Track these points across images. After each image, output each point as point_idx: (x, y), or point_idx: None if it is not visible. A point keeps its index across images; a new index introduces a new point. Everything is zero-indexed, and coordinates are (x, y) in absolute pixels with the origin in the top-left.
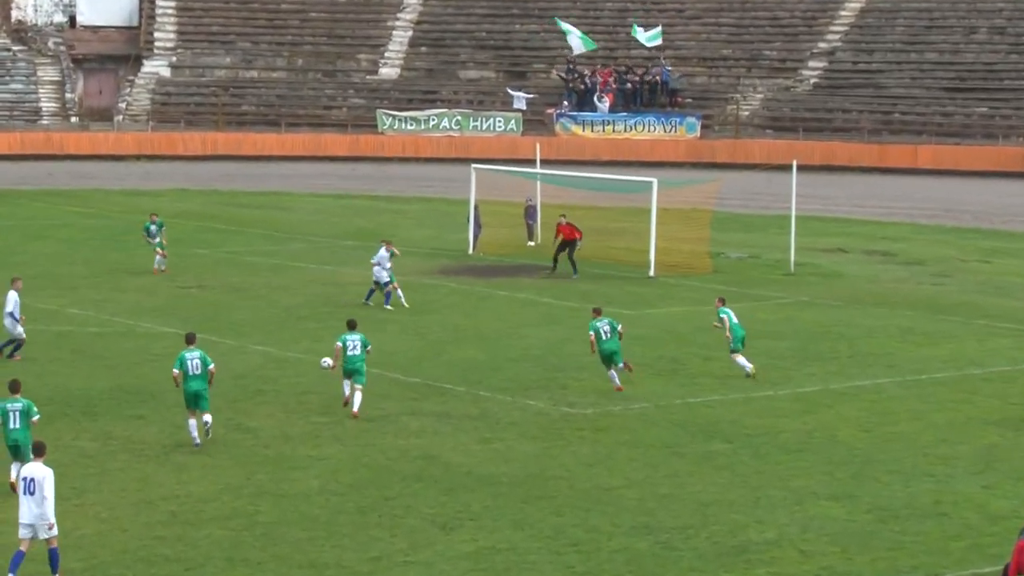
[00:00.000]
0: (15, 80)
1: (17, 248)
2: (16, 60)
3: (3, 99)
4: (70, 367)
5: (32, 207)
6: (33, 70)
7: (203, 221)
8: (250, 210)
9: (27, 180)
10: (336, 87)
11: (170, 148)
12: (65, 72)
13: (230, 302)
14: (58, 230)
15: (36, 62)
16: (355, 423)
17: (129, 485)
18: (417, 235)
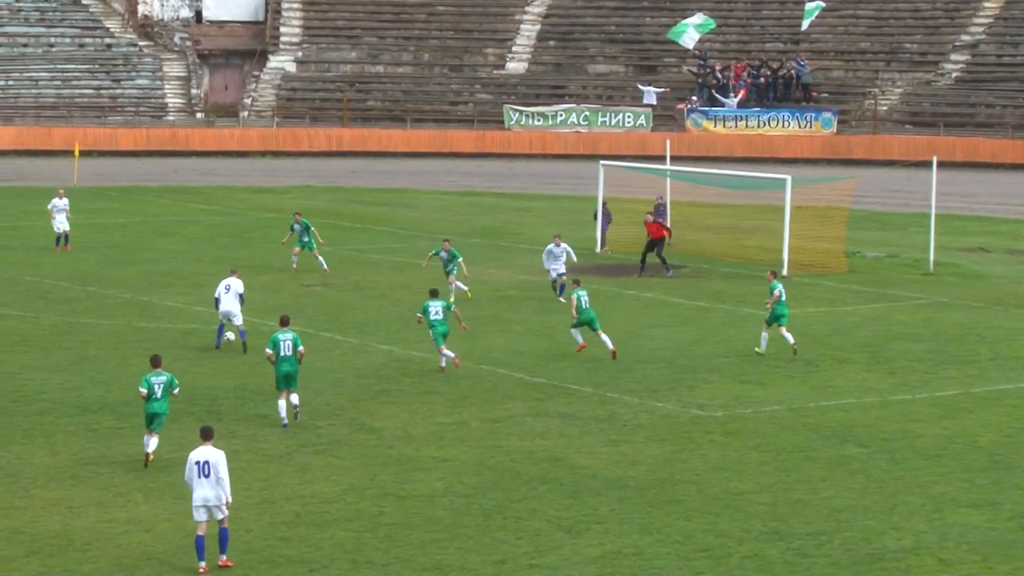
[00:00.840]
0: (141, 76)
1: (144, 244)
2: (142, 56)
3: (129, 95)
4: (195, 366)
5: (158, 204)
6: (159, 66)
7: (328, 218)
8: (374, 207)
9: (152, 176)
10: (462, 82)
11: (295, 144)
12: (191, 68)
13: (353, 301)
14: (184, 227)
15: (162, 58)
16: (480, 424)
17: (253, 485)
18: (543, 233)
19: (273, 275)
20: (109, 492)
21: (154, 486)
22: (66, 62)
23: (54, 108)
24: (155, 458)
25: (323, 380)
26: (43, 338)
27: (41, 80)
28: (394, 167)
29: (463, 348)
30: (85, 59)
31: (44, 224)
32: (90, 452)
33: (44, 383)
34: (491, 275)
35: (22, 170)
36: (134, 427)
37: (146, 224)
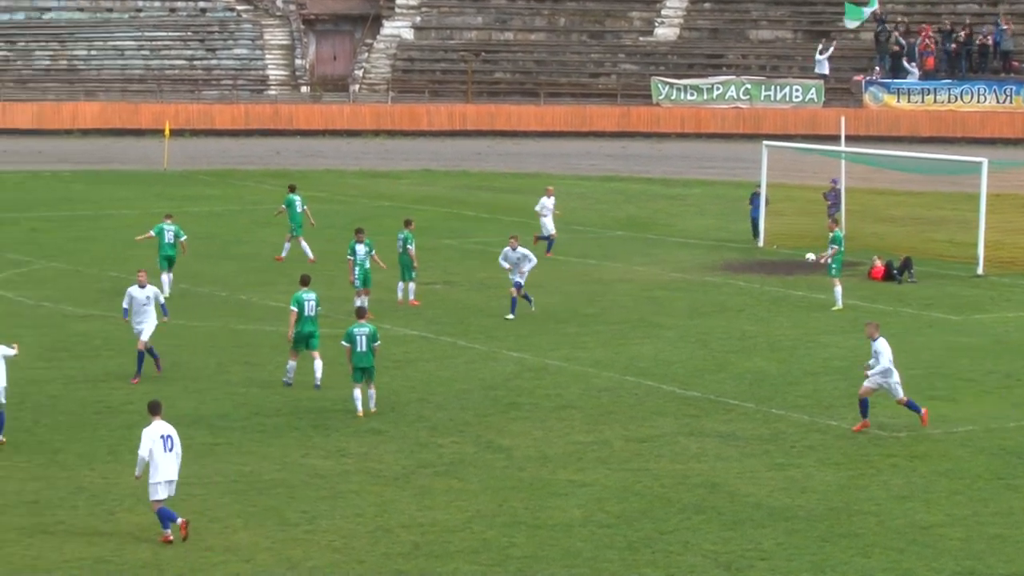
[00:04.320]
0: (239, 45)
1: (243, 236)
2: (240, 22)
3: (226, 66)
4: (301, 373)
5: (258, 190)
6: (259, 33)
7: (450, 207)
8: (503, 194)
9: (252, 159)
10: (604, 51)
11: (412, 123)
12: (295, 35)
13: (479, 301)
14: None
15: (263, 24)
16: (624, 444)
17: (366, 510)
18: (697, 224)
19: (389, 272)
20: (204, 516)
21: (253, 510)
22: (155, 29)
23: (142, 81)
24: (255, 479)
25: (445, 392)
26: (130, 342)
27: (127, 50)
28: (525, 148)
29: (604, 356)
30: (176, 26)
31: (130, 212)
32: (182, 471)
33: (131, 393)
34: (637, 273)
35: (107, 151)
36: (231, 443)
37: (244, 213)
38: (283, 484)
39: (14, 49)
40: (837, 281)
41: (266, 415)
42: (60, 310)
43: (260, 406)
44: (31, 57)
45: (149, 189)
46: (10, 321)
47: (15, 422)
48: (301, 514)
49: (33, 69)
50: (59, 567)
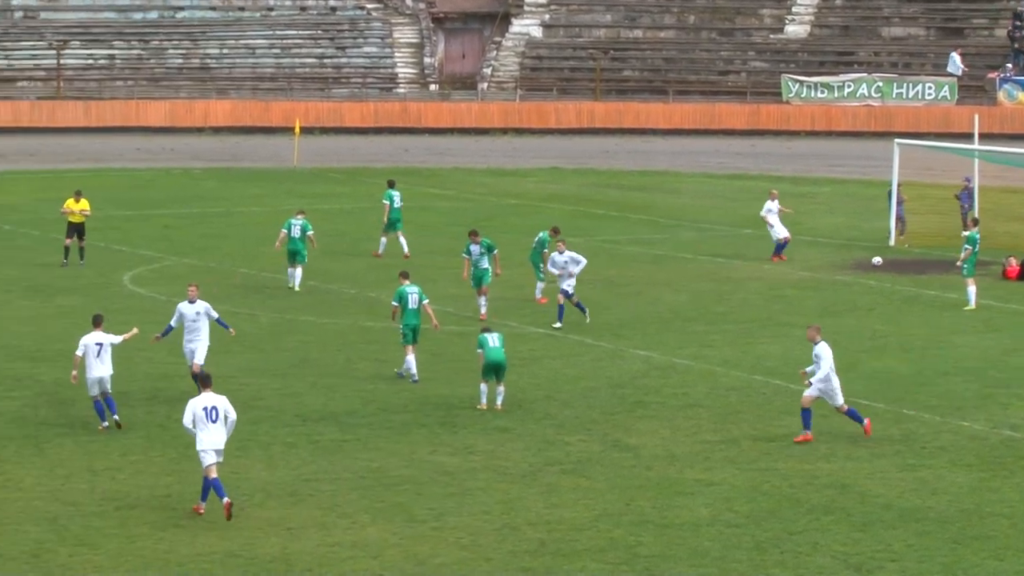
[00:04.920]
0: (368, 43)
1: (372, 233)
2: (370, 20)
3: (356, 64)
4: (428, 371)
5: (386, 187)
6: (389, 32)
7: (577, 205)
8: (631, 192)
9: (380, 157)
10: (734, 48)
11: (540, 120)
12: (424, 34)
13: (606, 299)
14: (415, 214)
15: (392, 22)
16: (752, 444)
17: (493, 508)
18: (827, 223)
19: (516, 269)
20: (332, 512)
21: (381, 506)
22: (286, 28)
23: (272, 80)
24: (382, 475)
25: (572, 390)
26: (260, 338)
27: (259, 48)
28: (654, 146)
29: (732, 355)
30: (307, 24)
31: (260, 210)
32: (311, 467)
33: (261, 388)
34: (766, 271)
35: (237, 149)
36: (359, 439)
37: (373, 210)
38: (411, 481)
39: (148, 48)
40: (970, 281)
41: (394, 412)
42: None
43: (388, 402)
44: (164, 56)
45: (279, 186)
46: (142, 317)
47: (149, 416)
48: (428, 511)
49: (166, 68)
50: (190, 560)
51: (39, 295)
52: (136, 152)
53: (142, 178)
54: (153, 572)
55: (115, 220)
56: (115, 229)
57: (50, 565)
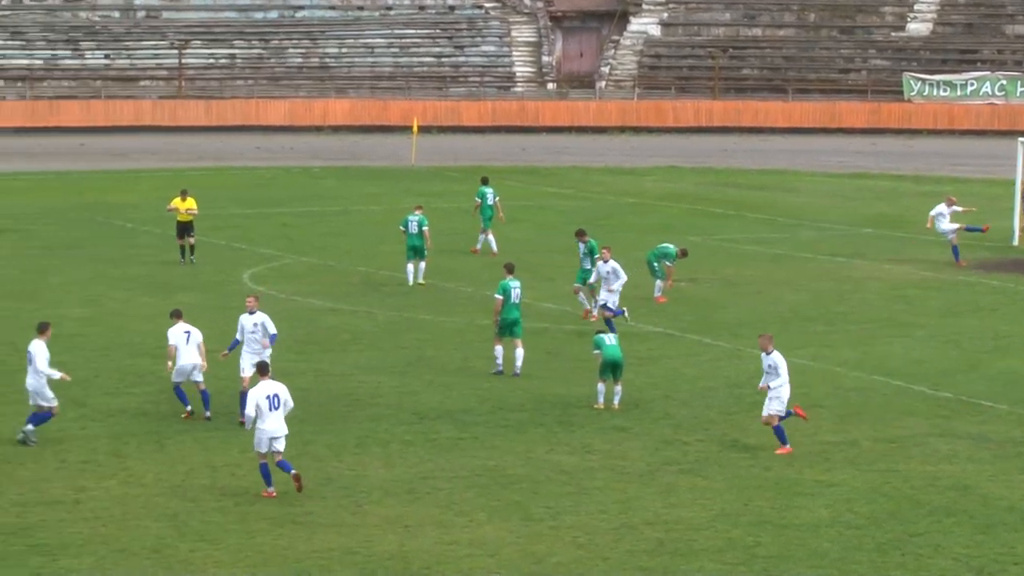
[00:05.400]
0: (487, 42)
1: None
2: (488, 19)
3: (473, 63)
4: (545, 369)
5: (504, 186)
6: (506, 30)
7: (695, 204)
8: (750, 191)
9: (498, 155)
10: (854, 46)
11: (658, 119)
12: (542, 32)
13: (724, 298)
14: (532, 213)
15: (510, 21)
16: (873, 445)
17: (610, 507)
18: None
19: (634, 269)
20: (449, 510)
21: (498, 505)
22: (404, 27)
23: (391, 79)
24: (499, 473)
25: (690, 390)
26: (378, 336)
27: (377, 48)
28: (773, 145)
29: (853, 355)
30: (425, 23)
31: (378, 208)
32: (428, 465)
33: (379, 386)
34: (887, 271)
35: (356, 148)
36: (476, 437)
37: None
38: (528, 479)
39: (268, 47)
40: None
41: (510, 410)
42: (309, 304)
43: (504, 401)
44: (284, 55)
45: (397, 185)
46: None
47: None
48: (545, 509)
49: (286, 67)
50: (308, 557)
51: (160, 292)
52: (256, 151)
53: (262, 177)
54: (272, 568)
55: (235, 218)
56: (235, 227)
57: (171, 560)
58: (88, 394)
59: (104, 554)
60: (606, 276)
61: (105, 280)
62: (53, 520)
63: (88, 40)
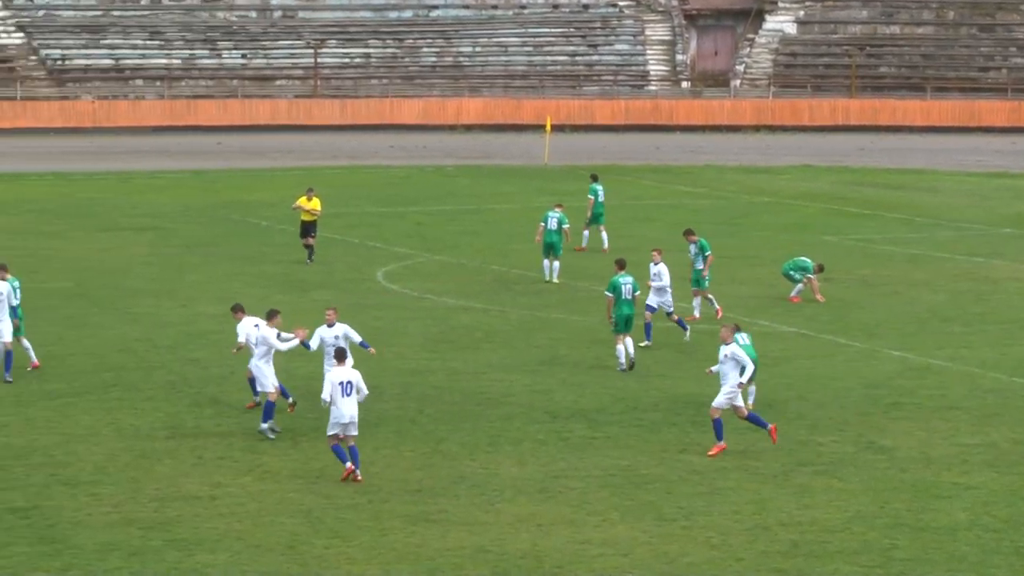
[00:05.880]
0: (620, 40)
1: (622, 231)
2: (622, 18)
3: (607, 62)
4: (678, 369)
5: (638, 185)
6: (641, 29)
7: (830, 203)
8: (887, 191)
9: (632, 154)
10: (994, 44)
11: (794, 118)
12: (676, 30)
13: (860, 298)
14: (665, 211)
15: (644, 19)
16: (1012, 447)
17: (743, 508)
18: None
19: (767, 268)
20: (582, 510)
21: (631, 504)
22: (538, 26)
23: (524, 77)
24: (632, 473)
25: (825, 390)
26: (510, 335)
27: (511, 46)
28: (910, 144)
29: (992, 356)
30: (559, 22)
31: (511, 207)
32: (561, 464)
33: (511, 385)
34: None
35: (489, 147)
36: (609, 437)
37: (624, 208)
38: (660, 479)
39: (402, 46)
40: None
41: (644, 410)
42: (443, 303)
43: (638, 400)
44: (418, 54)
45: (530, 184)
46: (394, 313)
47: (400, 411)
48: (678, 509)
49: (420, 66)
50: (441, 555)
51: (295, 290)
52: (390, 150)
53: (396, 175)
54: (405, 565)
55: (369, 217)
56: (369, 225)
57: (305, 557)
58: (224, 391)
59: (239, 549)
60: (654, 276)
61: (241, 278)
62: (189, 515)
63: (225, 40)
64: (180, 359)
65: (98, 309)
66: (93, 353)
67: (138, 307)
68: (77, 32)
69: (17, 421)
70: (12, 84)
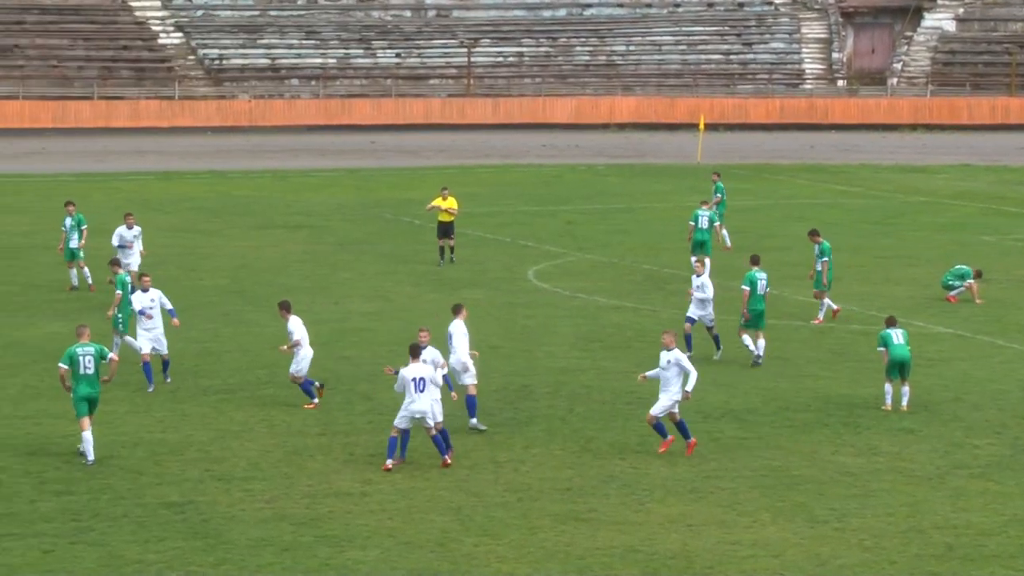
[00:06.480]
0: (776, 39)
1: (775, 230)
2: (778, 16)
3: (762, 60)
4: (830, 370)
5: (792, 184)
6: (796, 26)
7: (989, 203)
8: None
9: (786, 153)
10: None
11: (952, 116)
12: (833, 28)
13: (1018, 299)
14: (820, 211)
15: (800, 17)
16: None
17: (897, 510)
18: None
19: (923, 268)
20: (732, 510)
21: (783, 505)
22: (692, 24)
23: (678, 76)
24: (783, 474)
25: (982, 392)
26: (660, 334)
27: (665, 45)
28: None
29: None
30: (714, 20)
31: (663, 206)
32: (711, 464)
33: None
34: None
35: (641, 145)
36: (760, 437)
37: (777, 207)
38: (812, 480)
39: (555, 45)
40: None
41: (795, 410)
42: (593, 301)
43: (789, 401)
44: (571, 53)
45: (682, 183)
46: (545, 312)
47: (551, 410)
48: (830, 511)
49: (573, 65)
50: (590, 554)
51: (445, 288)
52: (542, 148)
53: (548, 174)
54: (554, 564)
55: (521, 215)
56: (520, 224)
57: (455, 554)
58: (375, 388)
59: (390, 546)
60: (697, 288)
61: (393, 276)
62: (340, 512)
63: (380, 39)
64: (332, 356)
65: (253, 306)
66: (247, 350)
67: (292, 304)
68: (234, 32)
69: (172, 417)
70: (170, 83)
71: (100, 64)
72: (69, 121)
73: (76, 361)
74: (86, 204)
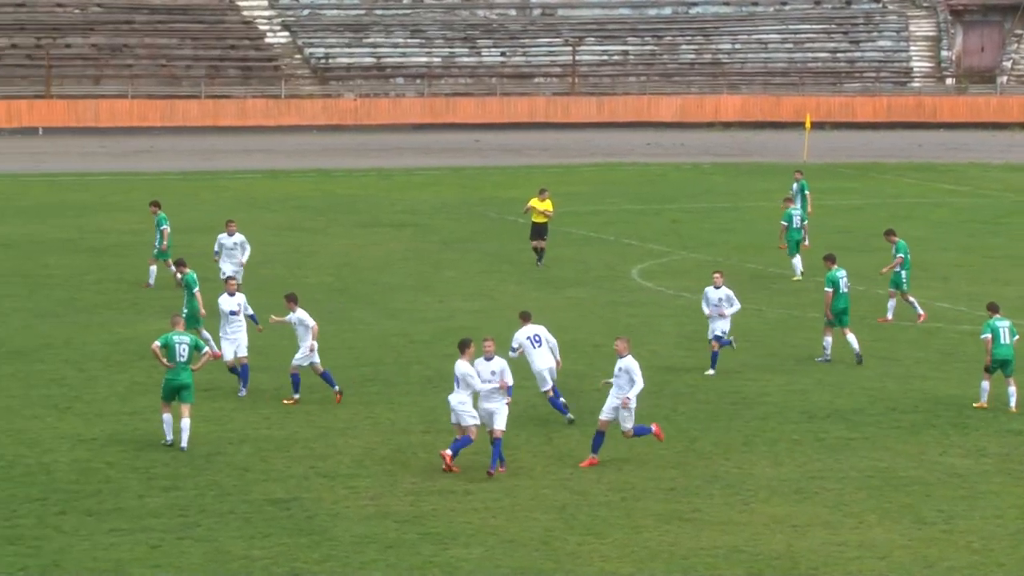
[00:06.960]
0: (883, 36)
1: (881, 230)
2: (886, 13)
3: (870, 58)
4: (938, 370)
5: (899, 183)
6: (904, 25)
7: None
8: None
9: (893, 152)
10: None
11: None
12: (942, 26)
13: None
14: (928, 210)
15: (908, 15)
16: None
17: (1006, 512)
18: None
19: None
20: (838, 511)
21: (889, 507)
22: (799, 22)
23: (784, 75)
24: (890, 475)
25: None
26: (766, 333)
27: (771, 43)
28: None
29: None
30: (821, 18)
31: (768, 205)
32: (817, 464)
33: (767, 384)
34: None
35: (747, 144)
36: (867, 438)
37: (884, 207)
38: (919, 481)
39: (660, 43)
40: None
41: (903, 411)
42: (697, 301)
43: (897, 401)
44: (677, 51)
45: (787, 182)
46: (649, 311)
47: (655, 409)
48: (938, 513)
49: (678, 63)
50: (694, 554)
51: (549, 286)
52: (647, 147)
53: (652, 173)
54: (658, 564)
55: (625, 214)
56: (625, 223)
57: (559, 553)
58: None
59: (493, 544)
60: (716, 303)
61: (496, 274)
62: (444, 509)
63: (485, 38)
64: (436, 354)
65: (357, 304)
66: (352, 347)
67: (396, 302)
68: (340, 31)
69: (278, 414)
70: (277, 82)
71: (208, 63)
72: (177, 120)
73: (172, 348)
74: (193, 203)
